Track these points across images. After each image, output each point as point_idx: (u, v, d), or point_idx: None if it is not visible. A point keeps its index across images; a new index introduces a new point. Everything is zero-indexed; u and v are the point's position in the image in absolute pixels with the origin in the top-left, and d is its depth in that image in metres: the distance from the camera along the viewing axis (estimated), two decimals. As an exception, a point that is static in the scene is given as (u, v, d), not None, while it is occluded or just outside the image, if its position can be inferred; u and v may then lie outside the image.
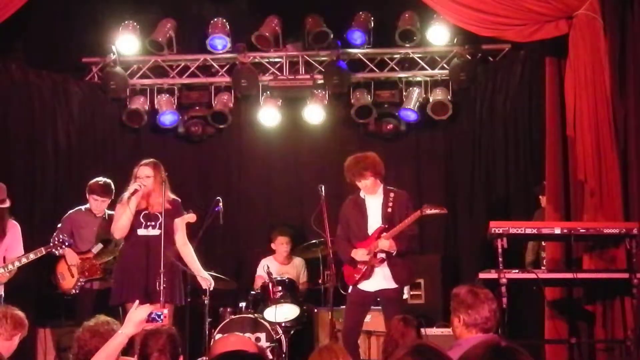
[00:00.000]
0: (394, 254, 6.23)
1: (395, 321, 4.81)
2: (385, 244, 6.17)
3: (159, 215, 6.18)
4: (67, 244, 6.50)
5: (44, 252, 6.39)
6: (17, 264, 6.29)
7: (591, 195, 6.00)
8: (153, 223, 6.19)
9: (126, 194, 6.25)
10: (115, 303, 6.11)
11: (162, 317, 3.92)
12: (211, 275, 7.16)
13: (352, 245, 6.38)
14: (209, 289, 6.61)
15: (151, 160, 6.36)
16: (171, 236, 6.29)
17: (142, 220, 6.21)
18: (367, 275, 6.31)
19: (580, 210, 6.16)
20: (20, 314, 4.60)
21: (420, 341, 3.87)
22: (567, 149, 6.27)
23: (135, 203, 6.18)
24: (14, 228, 6.52)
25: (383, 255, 6.24)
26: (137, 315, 3.87)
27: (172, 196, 6.39)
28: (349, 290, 6.46)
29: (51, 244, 6.41)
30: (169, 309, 6.17)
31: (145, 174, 6.21)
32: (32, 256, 6.34)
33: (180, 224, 6.36)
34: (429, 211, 6.17)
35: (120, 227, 6.22)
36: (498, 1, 6.21)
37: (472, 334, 3.76)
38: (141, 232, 6.21)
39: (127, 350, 4.12)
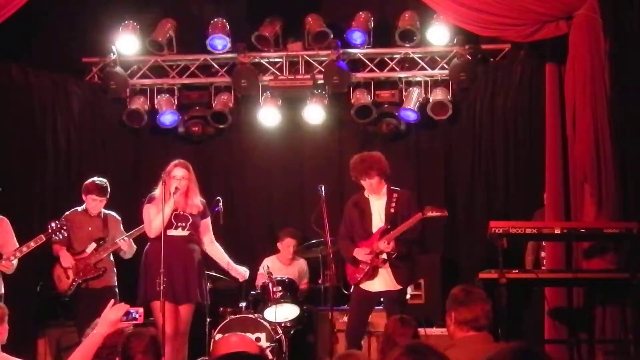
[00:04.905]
0: (394, 256, 6.23)
1: (392, 320, 4.80)
2: (385, 245, 6.17)
3: (189, 217, 6.32)
4: (65, 228, 6.52)
5: (44, 239, 6.42)
6: (18, 254, 6.30)
7: (591, 195, 6.00)
8: (183, 224, 6.29)
9: (157, 192, 6.33)
10: (142, 303, 6.05)
11: (138, 315, 3.85)
12: (211, 275, 7.18)
13: (354, 244, 6.39)
14: (245, 280, 6.94)
15: (182, 160, 6.43)
16: (200, 236, 6.45)
17: (173, 220, 6.28)
18: (370, 275, 6.31)
19: (580, 210, 6.16)
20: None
21: (416, 341, 3.86)
22: (567, 149, 6.27)
23: (174, 202, 6.24)
24: (3, 222, 6.51)
25: (384, 256, 6.24)
26: (112, 315, 3.79)
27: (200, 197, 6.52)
28: (352, 290, 6.46)
29: (49, 230, 6.44)
30: (190, 308, 6.30)
31: (180, 175, 6.27)
32: (32, 244, 6.37)
33: (208, 225, 6.54)
34: (430, 213, 6.16)
35: (156, 227, 6.25)
36: (498, 1, 6.22)
37: (463, 331, 3.76)
38: (171, 232, 6.27)
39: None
